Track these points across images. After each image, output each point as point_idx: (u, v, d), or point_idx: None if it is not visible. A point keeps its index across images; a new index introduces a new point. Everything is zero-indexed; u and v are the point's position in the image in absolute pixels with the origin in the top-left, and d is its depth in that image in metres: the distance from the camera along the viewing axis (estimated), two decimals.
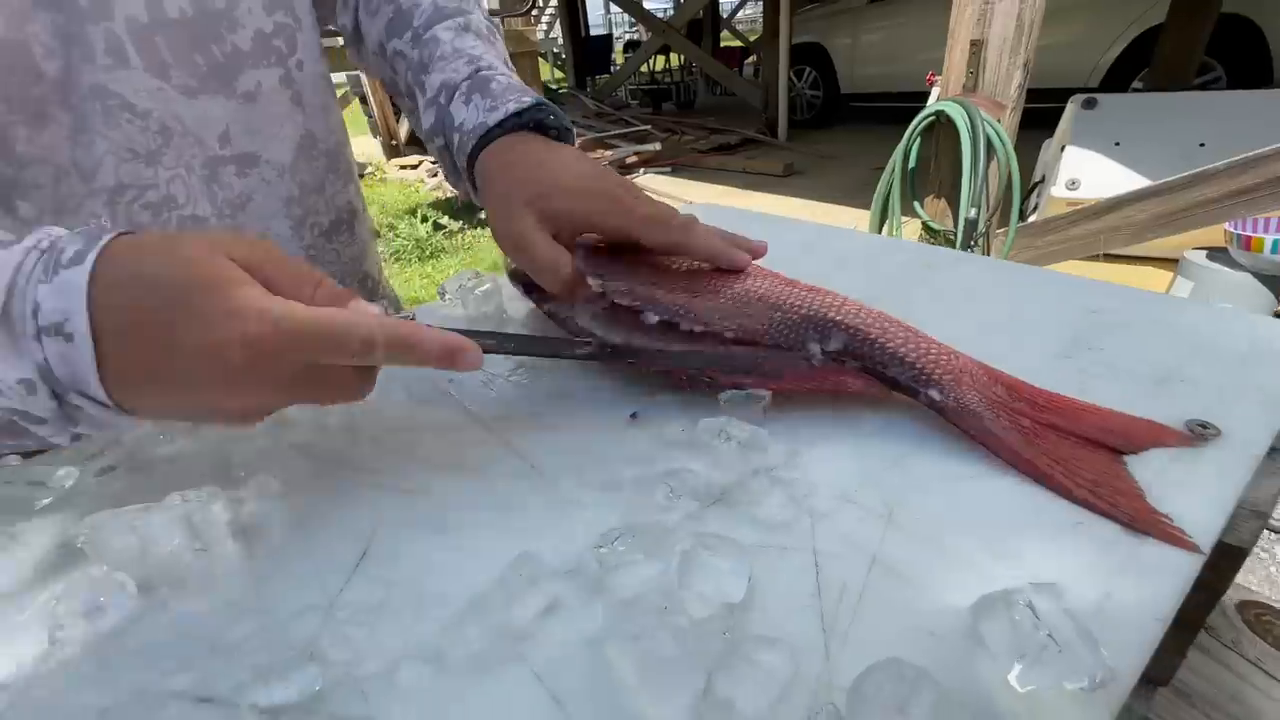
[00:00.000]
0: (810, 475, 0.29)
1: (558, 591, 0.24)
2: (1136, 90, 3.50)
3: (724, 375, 0.34)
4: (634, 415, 0.35)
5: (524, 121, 0.42)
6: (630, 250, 0.40)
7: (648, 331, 0.37)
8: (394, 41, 0.47)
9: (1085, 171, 2.42)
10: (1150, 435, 0.28)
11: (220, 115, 0.43)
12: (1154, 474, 0.26)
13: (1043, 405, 0.29)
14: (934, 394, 0.29)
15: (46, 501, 0.34)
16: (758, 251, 0.39)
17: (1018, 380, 0.31)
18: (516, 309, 0.50)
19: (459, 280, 0.51)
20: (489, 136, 0.41)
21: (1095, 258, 2.19)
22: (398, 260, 3.29)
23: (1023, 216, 2.55)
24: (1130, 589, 0.21)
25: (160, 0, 0.39)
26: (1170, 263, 2.26)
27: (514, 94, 0.42)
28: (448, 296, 0.52)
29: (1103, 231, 2.10)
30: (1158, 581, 0.22)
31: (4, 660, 0.24)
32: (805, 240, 0.57)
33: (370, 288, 0.60)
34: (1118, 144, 2.43)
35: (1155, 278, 2.28)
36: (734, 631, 0.22)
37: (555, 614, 0.23)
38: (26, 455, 0.45)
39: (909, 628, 0.21)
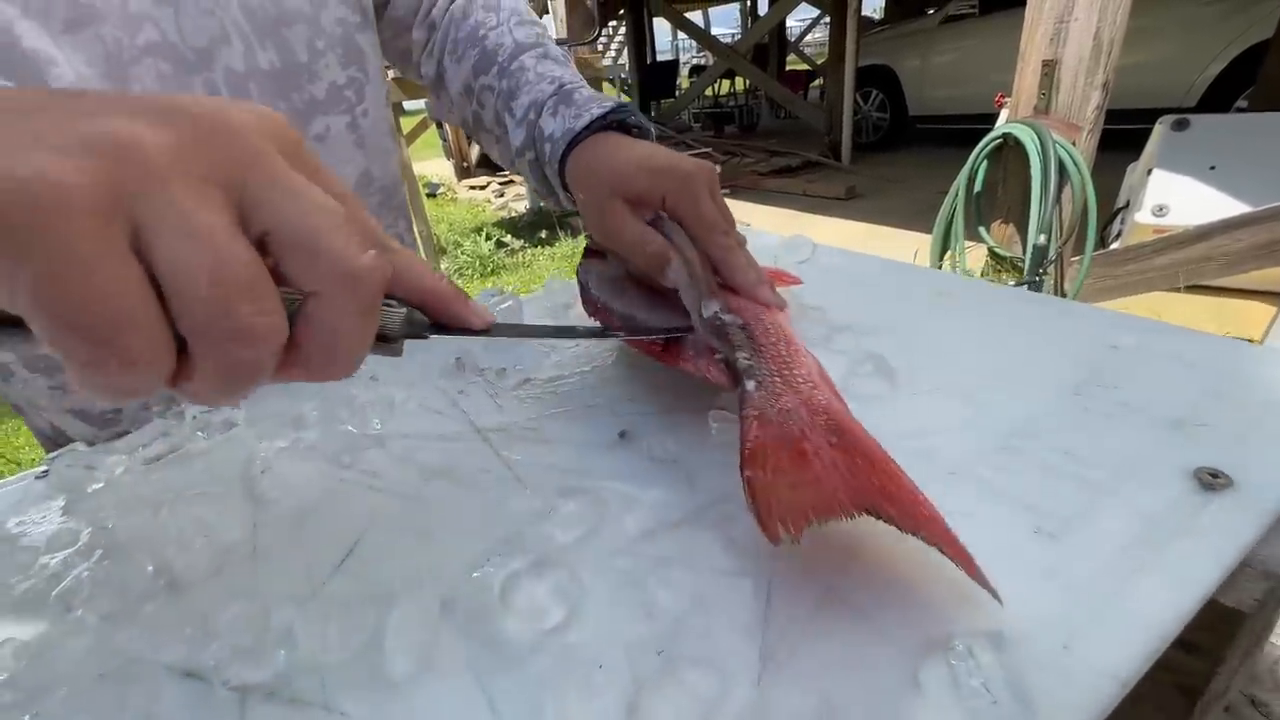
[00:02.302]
0: None
1: (512, 599, 0.25)
2: (1240, 111, 3.24)
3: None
4: (623, 434, 0.35)
5: (607, 124, 0.45)
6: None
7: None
8: (481, 78, 0.52)
9: (1174, 197, 2.25)
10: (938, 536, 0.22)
11: None
12: (1148, 520, 0.24)
13: (857, 456, 0.25)
14: (750, 385, 0.29)
15: (98, 486, 0.38)
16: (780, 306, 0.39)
17: (862, 441, 0.26)
18: None
19: (483, 299, 0.54)
20: (575, 141, 0.44)
21: (1183, 290, 2.02)
22: (461, 276, 3.44)
23: (1104, 244, 2.39)
24: (1092, 643, 0.20)
25: (255, 54, 0.45)
26: (1271, 296, 2.06)
27: (596, 102, 0.45)
28: None
29: (1192, 261, 1.94)
30: (1125, 638, 0.20)
31: (31, 624, 0.27)
32: (818, 263, 0.56)
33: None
34: (1213, 168, 2.25)
35: (1253, 312, 2.08)
36: (670, 650, 0.22)
37: (504, 623, 0.24)
38: (90, 443, 0.50)
39: (849, 663, 0.21)
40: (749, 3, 10.25)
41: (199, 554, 0.31)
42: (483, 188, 5.47)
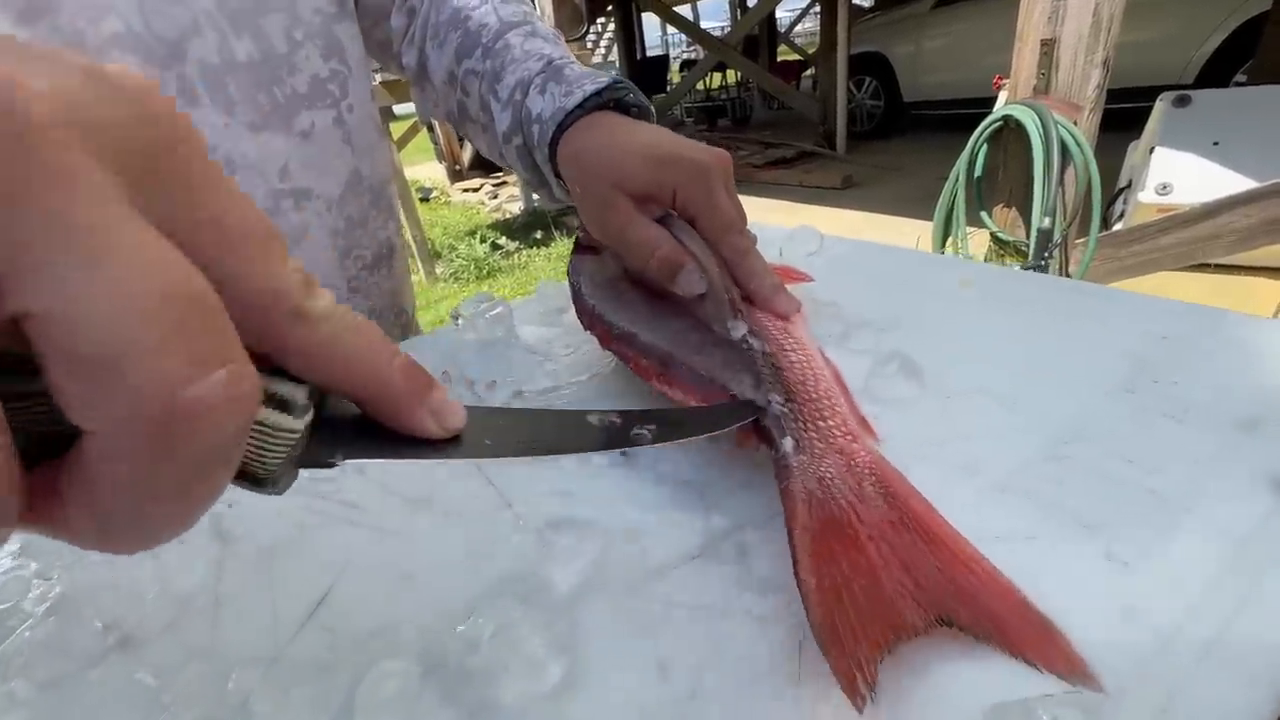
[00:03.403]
0: None
1: (504, 657, 0.21)
2: (1240, 85, 3.20)
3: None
4: (624, 451, 0.32)
5: (603, 101, 0.40)
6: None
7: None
8: (465, 62, 0.48)
9: (1178, 175, 2.21)
10: (1031, 639, 0.18)
11: (281, 151, 0.45)
12: (1236, 541, 0.21)
13: (912, 529, 0.22)
14: (789, 444, 0.25)
15: None
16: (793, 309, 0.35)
17: (914, 501, 0.23)
18: (526, 332, 0.49)
19: (472, 305, 0.50)
20: (567, 121, 0.39)
21: (1191, 269, 1.99)
22: (457, 280, 3.41)
23: (1106, 225, 2.36)
24: (1196, 702, 0.17)
25: (231, 45, 0.42)
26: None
27: (589, 78, 0.41)
28: (460, 321, 0.51)
29: (1199, 240, 1.91)
30: (1234, 693, 0.17)
31: None
32: (827, 255, 0.53)
33: (404, 322, 0.62)
34: (1216, 144, 2.21)
35: (1264, 289, 2.05)
36: (691, 719, 0.19)
37: (496, 686, 0.21)
38: None
39: None
40: None
41: (153, 605, 0.27)
42: (476, 190, 5.44)
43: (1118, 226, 2.28)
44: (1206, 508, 0.23)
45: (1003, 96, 2.25)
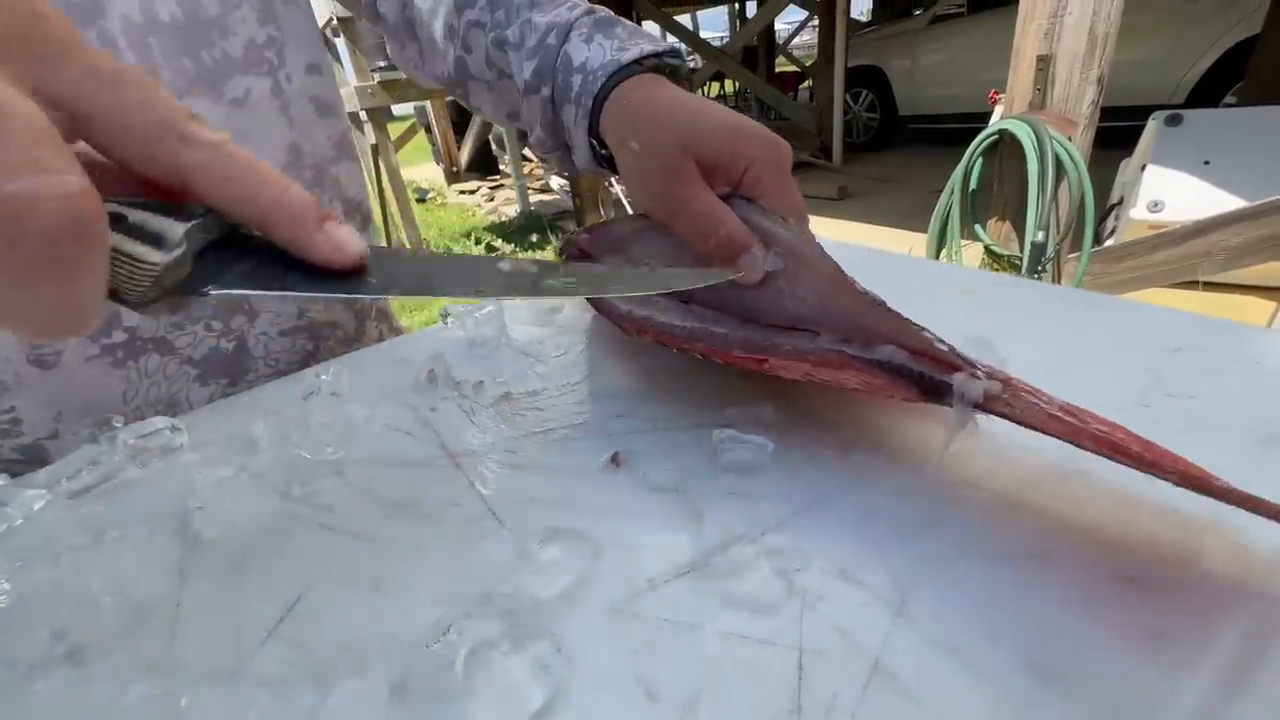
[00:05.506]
0: (807, 542, 0.24)
1: (480, 679, 0.20)
2: (1229, 106, 3.24)
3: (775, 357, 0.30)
4: (614, 457, 0.31)
5: (660, 65, 0.37)
6: None
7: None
8: (467, 14, 0.42)
9: (1170, 192, 2.23)
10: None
11: (210, 117, 0.43)
12: (1260, 564, 0.20)
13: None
14: (993, 388, 0.24)
15: (15, 524, 0.33)
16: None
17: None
18: (518, 332, 0.47)
19: (464, 307, 0.49)
20: (621, 75, 0.36)
21: (1185, 286, 2.00)
22: None
23: (1099, 240, 2.37)
24: None
25: (153, 3, 0.40)
26: (1272, 291, 2.04)
27: (643, 38, 0.38)
28: (450, 319, 0.49)
29: (1190, 257, 1.92)
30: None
31: None
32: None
33: (361, 307, 0.58)
34: (1207, 162, 2.23)
35: (1254, 308, 2.06)
36: None
37: (470, 710, 0.19)
38: (14, 475, 0.45)
39: None
40: (737, 6, 10.27)
41: (107, 614, 0.25)
42: (472, 192, 5.42)
43: (1109, 242, 2.30)
44: (1227, 527, 0.22)
45: (998, 110, 2.27)
